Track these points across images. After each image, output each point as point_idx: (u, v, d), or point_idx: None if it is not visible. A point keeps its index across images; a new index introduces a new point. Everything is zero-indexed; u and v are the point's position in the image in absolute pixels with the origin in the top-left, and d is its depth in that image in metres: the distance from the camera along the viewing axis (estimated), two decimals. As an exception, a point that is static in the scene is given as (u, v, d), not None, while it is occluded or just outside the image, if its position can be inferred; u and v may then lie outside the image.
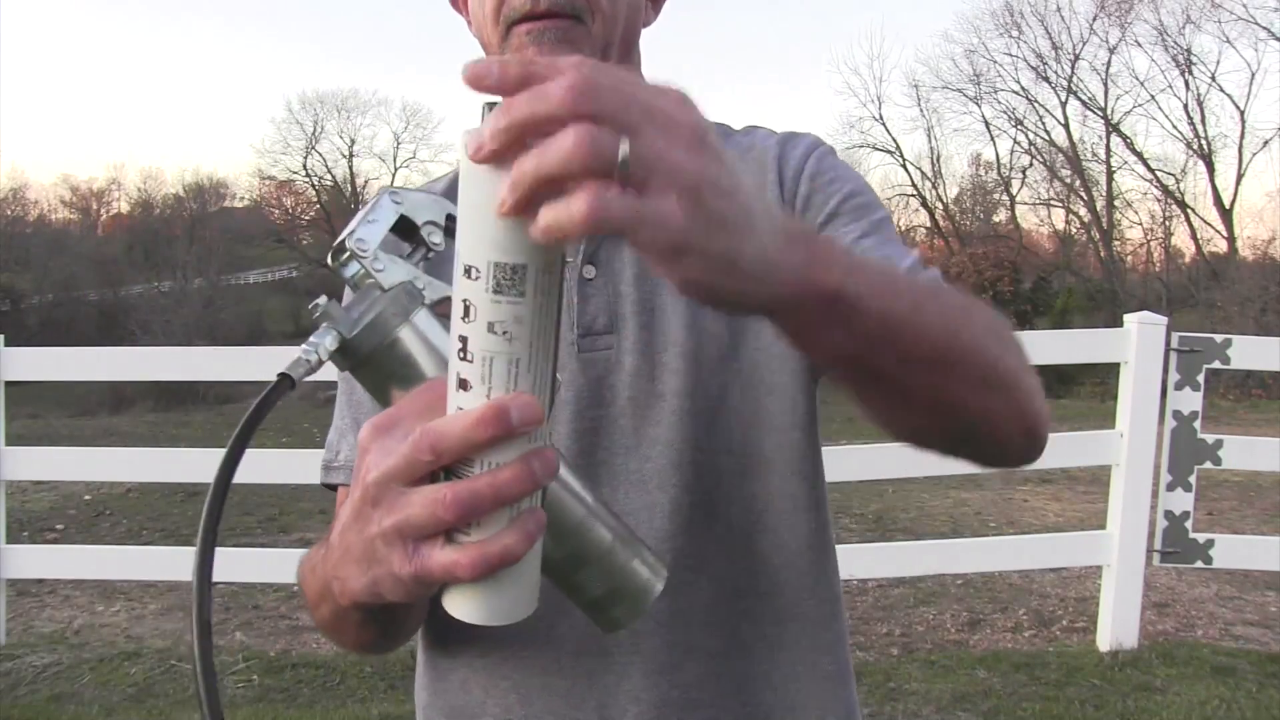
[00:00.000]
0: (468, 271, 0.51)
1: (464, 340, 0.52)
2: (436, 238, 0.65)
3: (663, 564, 0.66)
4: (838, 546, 0.93)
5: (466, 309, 0.52)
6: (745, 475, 0.85)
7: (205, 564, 0.58)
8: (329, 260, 0.62)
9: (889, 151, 30.41)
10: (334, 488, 0.91)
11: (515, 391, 0.52)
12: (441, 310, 0.60)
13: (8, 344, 3.77)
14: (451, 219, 0.66)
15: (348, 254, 0.61)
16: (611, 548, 0.63)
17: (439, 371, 0.57)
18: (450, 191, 0.97)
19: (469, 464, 0.54)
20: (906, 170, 30.52)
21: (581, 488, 0.63)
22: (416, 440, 0.53)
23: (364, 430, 0.57)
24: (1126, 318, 3.85)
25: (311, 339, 0.58)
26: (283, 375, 0.56)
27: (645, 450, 0.84)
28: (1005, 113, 28.50)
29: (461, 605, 0.57)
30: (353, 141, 33.75)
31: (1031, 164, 28.91)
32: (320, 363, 0.58)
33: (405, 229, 0.65)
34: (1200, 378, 3.78)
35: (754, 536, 0.86)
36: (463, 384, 0.53)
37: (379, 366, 0.60)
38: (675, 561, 0.83)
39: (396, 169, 34.28)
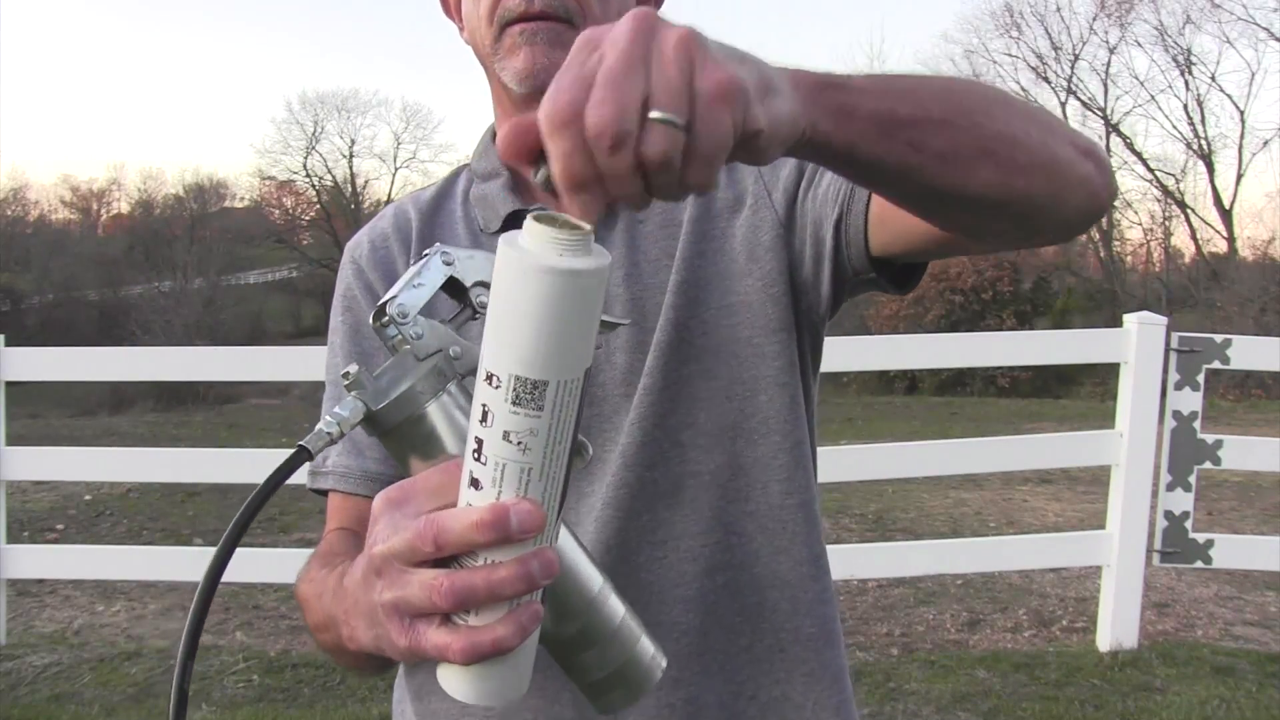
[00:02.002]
0: (489, 378, 0.52)
1: (480, 442, 0.53)
2: (484, 298, 0.64)
3: (662, 652, 0.67)
4: (838, 546, 0.93)
5: (485, 414, 0.53)
6: (711, 449, 0.87)
7: (198, 622, 0.58)
8: (371, 320, 0.63)
9: (889, 151, 30.38)
10: (323, 492, 0.92)
11: (521, 497, 0.53)
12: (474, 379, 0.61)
13: (8, 344, 3.77)
14: None
15: (387, 319, 0.61)
16: (616, 632, 0.64)
17: (461, 448, 0.58)
18: (443, 193, 0.98)
19: (471, 554, 0.55)
20: (906, 170, 30.48)
21: (593, 569, 0.64)
22: (421, 530, 0.55)
23: (377, 500, 0.59)
24: (1126, 318, 3.85)
25: (336, 409, 0.59)
26: (301, 448, 0.57)
27: (614, 436, 0.86)
28: (1005, 113, 28.46)
29: (452, 682, 0.58)
30: (353, 142, 33.77)
31: (1031, 164, 28.86)
32: (341, 435, 0.59)
33: (454, 288, 0.65)
34: (1200, 378, 3.78)
35: (724, 508, 0.87)
36: (475, 482, 0.54)
37: (403, 438, 0.60)
38: (641, 538, 0.85)
39: (397, 169, 34.32)
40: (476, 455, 0.54)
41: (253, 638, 3.98)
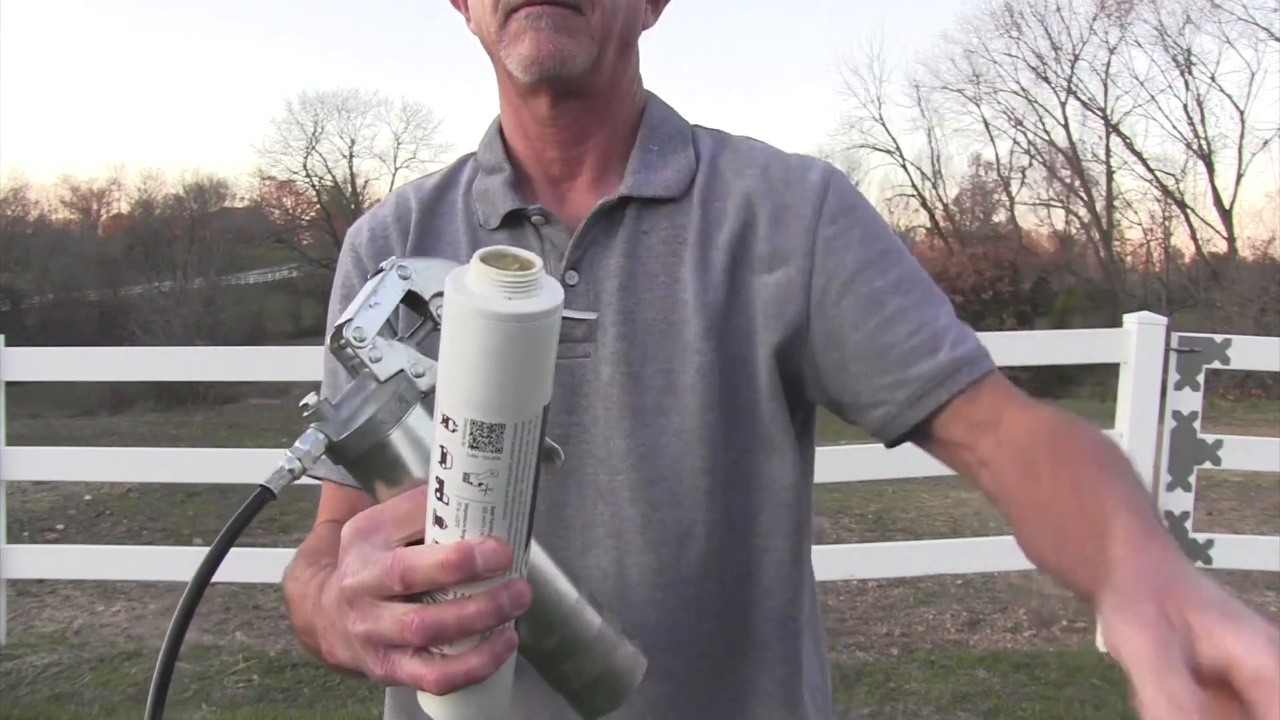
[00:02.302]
0: (445, 421, 0.51)
1: (441, 483, 0.53)
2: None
3: (642, 655, 0.67)
4: (838, 546, 0.93)
5: (444, 455, 0.52)
6: (716, 496, 0.85)
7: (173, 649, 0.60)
8: (328, 342, 0.62)
9: (889, 152, 30.43)
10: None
11: (486, 536, 0.53)
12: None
13: (8, 344, 3.78)
14: None
15: (344, 341, 0.60)
16: (596, 639, 0.64)
17: (427, 471, 0.57)
18: (446, 182, 0.96)
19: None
20: (906, 170, 30.55)
21: (567, 582, 0.64)
22: (388, 568, 0.55)
23: (346, 529, 0.59)
24: (1126, 318, 3.85)
25: (297, 444, 0.58)
26: (263, 488, 0.56)
27: (615, 463, 0.84)
28: (1005, 113, 28.53)
29: (432, 706, 0.59)
30: (353, 142, 33.76)
31: (1031, 164, 28.95)
32: (304, 472, 0.58)
33: (412, 300, 0.64)
34: (1200, 378, 3.78)
35: (722, 558, 0.86)
36: (439, 520, 0.54)
37: (367, 466, 0.60)
38: (642, 579, 0.83)
39: (397, 169, 34.30)
40: (439, 495, 0.53)
41: (253, 638, 3.98)
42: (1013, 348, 4.89)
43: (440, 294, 0.62)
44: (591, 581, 0.64)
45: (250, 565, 3.80)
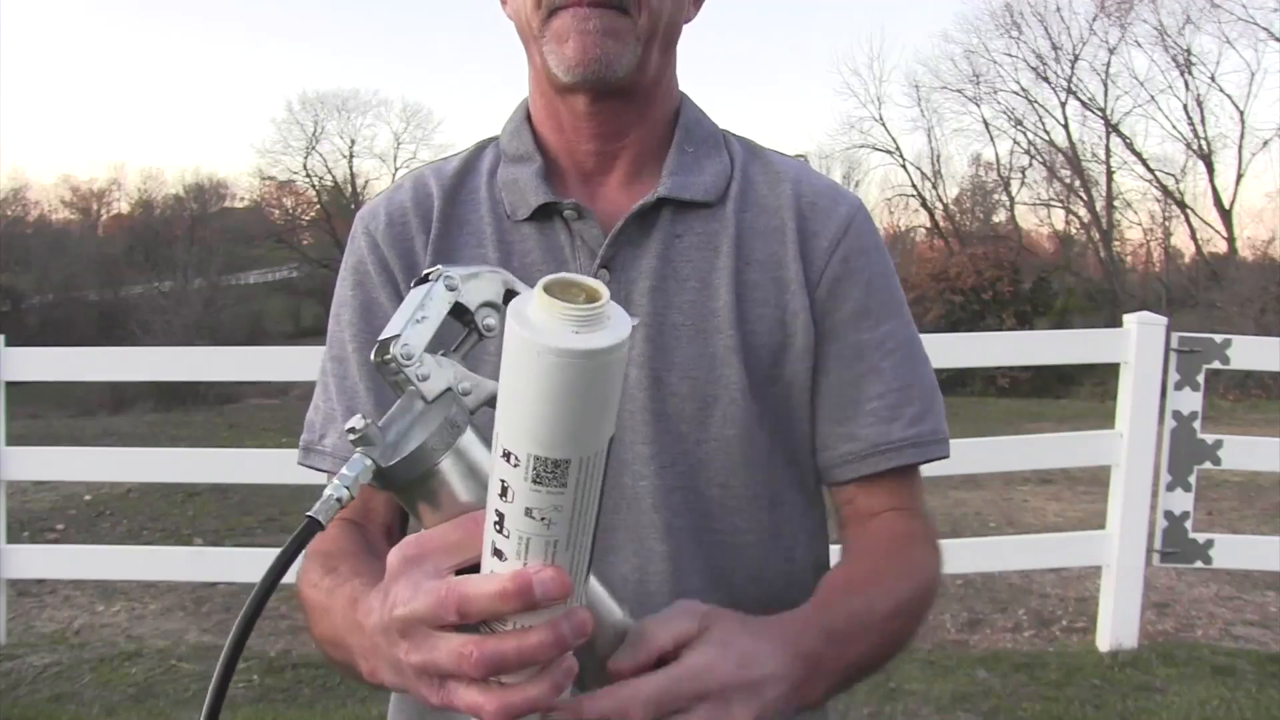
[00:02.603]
0: (507, 456, 0.49)
1: (501, 516, 0.51)
2: (491, 320, 0.61)
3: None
4: (839, 546, 0.93)
5: (504, 489, 0.50)
6: (740, 507, 0.85)
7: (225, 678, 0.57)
8: (372, 355, 0.58)
9: (889, 152, 30.39)
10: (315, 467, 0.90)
11: (544, 565, 0.52)
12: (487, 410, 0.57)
13: (8, 344, 3.77)
14: (511, 293, 0.61)
15: (390, 357, 0.57)
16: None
17: (474, 498, 0.56)
18: (467, 168, 0.93)
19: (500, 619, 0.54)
20: (906, 170, 30.51)
21: (613, 601, 0.63)
22: (443, 597, 0.54)
23: (393, 555, 0.58)
24: (1126, 318, 3.85)
25: (345, 470, 0.55)
26: (311, 519, 0.54)
27: (639, 468, 0.83)
28: (1005, 113, 28.50)
29: None
30: (353, 142, 33.75)
31: (1031, 164, 28.91)
32: (351, 499, 0.55)
33: (457, 310, 0.61)
34: (1200, 378, 3.78)
35: (735, 569, 0.86)
36: (498, 553, 0.53)
37: (415, 490, 0.57)
38: (661, 587, 0.82)
39: (397, 169, 34.27)
40: (498, 528, 0.52)
41: (253, 638, 3.94)
42: (1013, 348, 4.90)
43: (487, 303, 0.60)
44: (613, 585, 0.64)
45: (250, 565, 3.81)
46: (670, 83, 0.91)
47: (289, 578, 0.84)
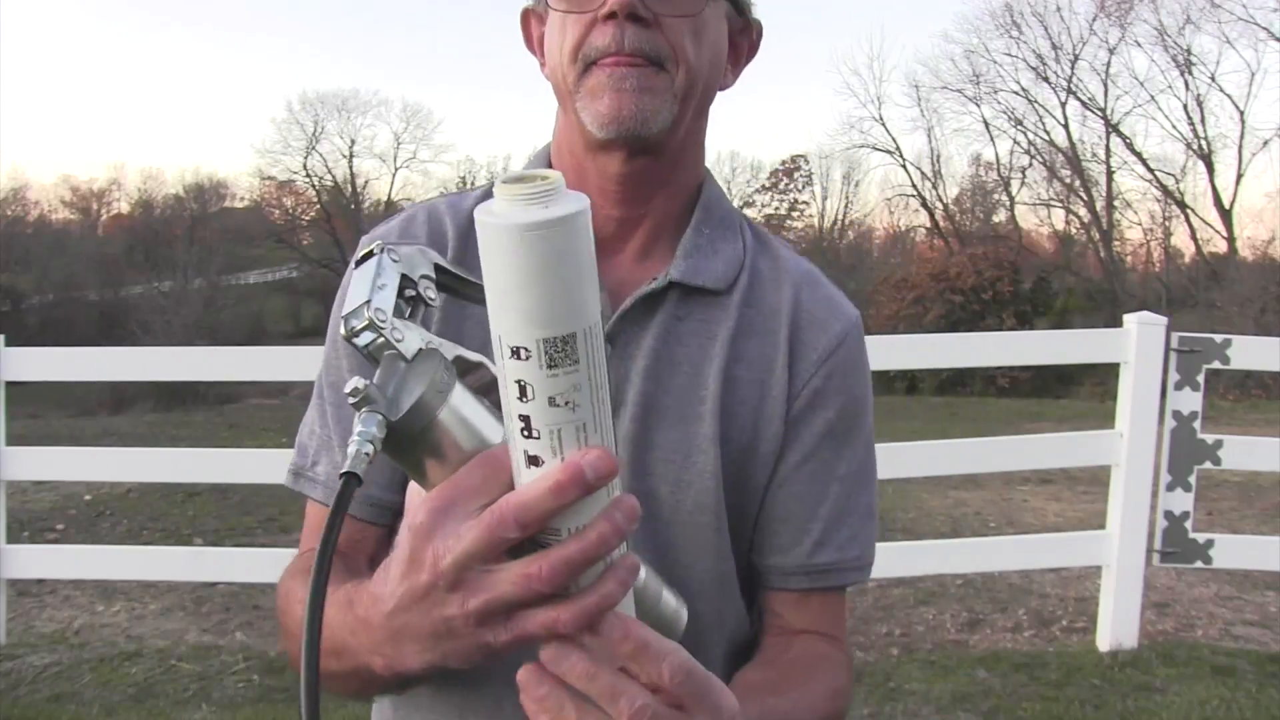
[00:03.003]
0: (516, 353, 0.51)
1: (526, 419, 0.52)
2: (431, 292, 0.64)
3: (683, 604, 0.67)
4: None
5: (523, 389, 0.52)
6: (697, 593, 0.84)
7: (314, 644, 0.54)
8: (341, 330, 0.60)
9: (889, 152, 30.44)
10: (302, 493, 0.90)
11: (586, 448, 0.53)
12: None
13: (8, 344, 3.77)
14: (440, 270, 0.66)
15: (365, 323, 0.59)
16: (645, 585, 0.64)
17: (475, 445, 0.57)
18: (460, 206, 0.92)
19: (551, 531, 0.54)
20: (906, 170, 30.55)
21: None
22: (498, 518, 0.53)
23: (420, 513, 0.56)
24: (1126, 318, 3.85)
25: (359, 429, 0.55)
26: (350, 474, 0.54)
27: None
28: (1005, 113, 28.53)
29: None
30: (353, 142, 33.76)
31: (1031, 164, 28.94)
32: (377, 453, 0.56)
33: (401, 286, 0.64)
34: (1200, 378, 3.78)
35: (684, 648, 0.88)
36: (533, 460, 0.53)
37: (420, 446, 0.58)
38: None
39: (397, 169, 34.31)
40: (526, 432, 0.53)
41: (253, 638, 3.98)
42: (1013, 348, 4.90)
43: (425, 276, 0.64)
44: None
45: (250, 565, 3.81)
46: (699, 150, 0.92)
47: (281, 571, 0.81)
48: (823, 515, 0.89)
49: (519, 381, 0.52)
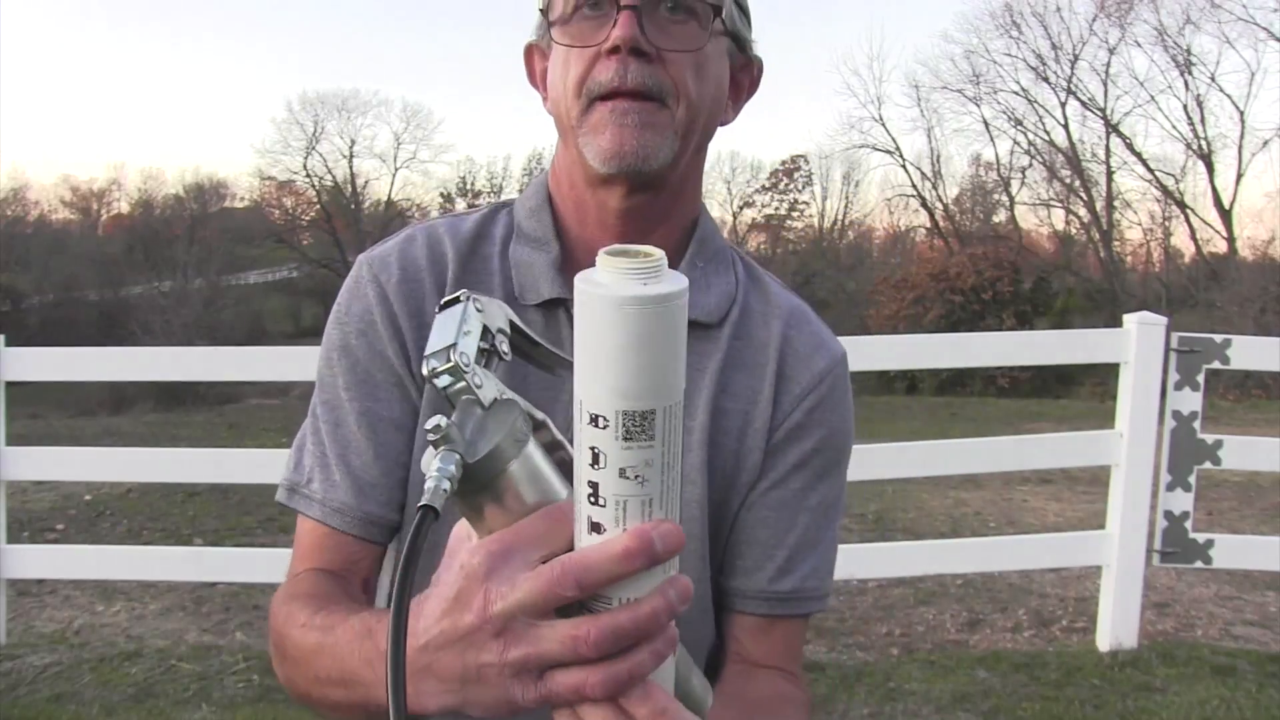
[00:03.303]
0: (594, 420, 0.52)
1: (595, 486, 0.53)
2: (505, 346, 0.65)
3: (708, 686, 0.68)
4: (840, 546, 0.96)
5: (596, 456, 0.52)
6: (682, 619, 0.87)
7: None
8: (423, 370, 0.61)
9: (889, 152, 30.43)
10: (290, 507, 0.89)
11: (658, 520, 0.53)
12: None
13: (8, 344, 3.77)
14: (514, 327, 0.67)
15: (450, 365, 0.59)
16: (676, 664, 0.64)
17: (539, 499, 0.58)
18: (481, 234, 0.92)
19: (600, 595, 0.54)
20: (906, 170, 30.55)
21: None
22: (559, 575, 0.53)
23: (478, 554, 0.56)
24: (1126, 318, 3.85)
25: (438, 465, 0.56)
26: (427, 507, 0.54)
27: None
28: (1005, 113, 28.53)
29: None
30: (353, 142, 33.73)
31: (1031, 164, 28.94)
32: (454, 489, 0.56)
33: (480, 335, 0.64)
34: (1200, 378, 3.78)
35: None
36: (595, 527, 0.54)
37: (487, 492, 0.58)
38: None
39: (397, 169, 34.29)
40: (594, 499, 0.53)
41: (253, 638, 3.97)
42: (1013, 348, 4.90)
43: (501, 330, 0.65)
44: None
45: (250, 565, 3.81)
46: (697, 184, 0.92)
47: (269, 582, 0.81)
48: (789, 543, 0.90)
49: (593, 448, 0.52)
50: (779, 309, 0.93)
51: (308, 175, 33.58)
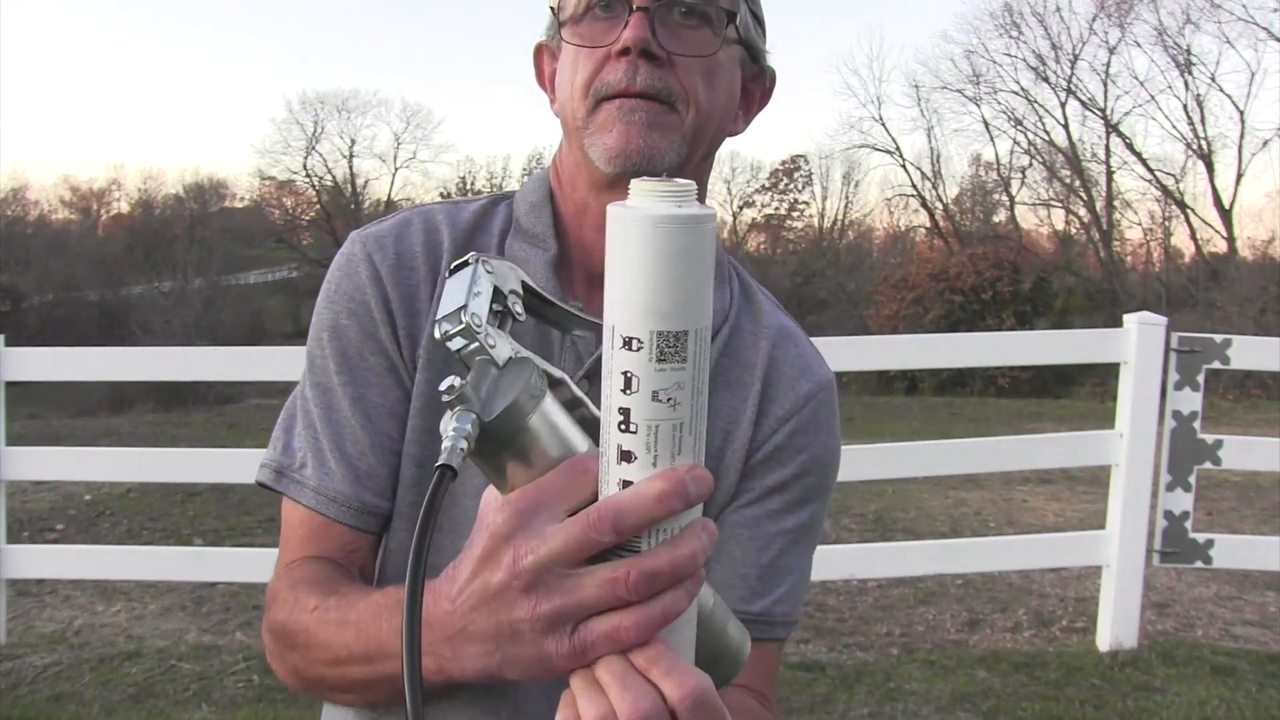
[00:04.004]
0: (628, 343, 0.52)
1: (625, 412, 0.53)
2: (519, 307, 0.65)
3: (745, 631, 0.68)
4: (838, 546, 0.95)
5: (628, 381, 0.53)
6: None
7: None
8: (434, 332, 0.61)
9: (889, 152, 30.40)
10: (273, 489, 0.88)
11: (681, 460, 0.53)
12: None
13: (8, 344, 3.77)
14: (526, 289, 0.67)
15: (462, 327, 0.60)
16: (712, 612, 0.65)
17: (561, 453, 0.58)
18: (479, 224, 0.91)
19: (633, 540, 0.55)
20: (906, 170, 30.51)
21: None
22: (593, 521, 0.53)
23: (501, 513, 0.56)
24: (1126, 318, 3.85)
25: (455, 425, 0.56)
26: (445, 466, 0.54)
27: None
28: (1005, 113, 28.50)
29: None
30: (353, 142, 33.68)
31: (1031, 164, 28.92)
32: (470, 448, 0.56)
33: (490, 298, 0.65)
34: (1200, 378, 3.78)
35: None
36: (625, 455, 0.54)
37: (507, 450, 0.58)
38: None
39: (397, 169, 34.27)
40: (624, 426, 0.53)
41: (253, 638, 3.97)
42: (1013, 348, 4.90)
43: (514, 291, 0.65)
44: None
45: (250, 565, 3.81)
46: (702, 192, 0.91)
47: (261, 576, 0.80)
48: (761, 563, 0.88)
49: (625, 373, 0.53)
50: (768, 329, 0.92)
51: (308, 175, 33.57)
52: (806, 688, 3.41)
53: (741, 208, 33.58)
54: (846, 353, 3.87)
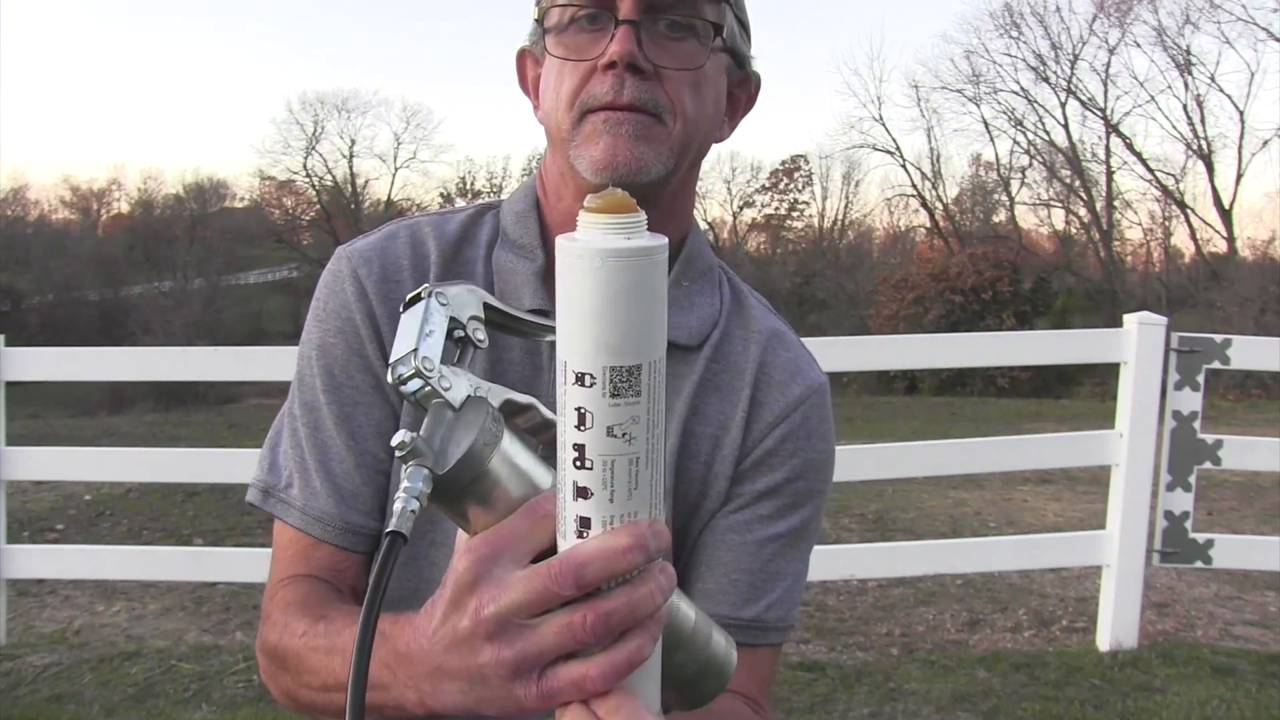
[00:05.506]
0: (580, 379, 0.51)
1: (580, 448, 0.52)
2: (481, 334, 0.64)
3: (731, 640, 0.68)
4: (838, 546, 0.95)
5: (582, 417, 0.52)
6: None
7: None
8: (388, 377, 0.60)
9: (889, 152, 30.41)
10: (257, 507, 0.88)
11: (638, 493, 0.53)
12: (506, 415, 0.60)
13: (8, 344, 3.77)
14: (490, 308, 0.66)
15: (412, 371, 0.59)
16: (696, 627, 0.65)
17: (524, 491, 0.57)
18: (465, 235, 0.91)
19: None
20: (906, 170, 30.53)
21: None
22: (555, 574, 0.53)
23: (464, 558, 0.56)
24: (1126, 318, 3.85)
25: (405, 485, 0.55)
26: (395, 533, 0.54)
27: None
28: (1005, 113, 28.51)
29: None
30: (353, 142, 33.69)
31: (1031, 164, 28.92)
32: (423, 508, 0.56)
33: (449, 328, 0.64)
34: (1200, 378, 3.78)
35: None
36: (581, 492, 0.53)
37: (468, 496, 0.58)
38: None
39: (397, 169, 34.27)
40: (579, 462, 0.52)
41: (252, 638, 3.96)
42: (1013, 348, 4.90)
43: (474, 317, 0.64)
44: None
45: (250, 565, 3.80)
46: (688, 202, 0.91)
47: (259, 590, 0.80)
48: (752, 569, 0.88)
49: (579, 409, 0.52)
50: (759, 333, 0.91)
51: (308, 175, 33.58)
52: (806, 688, 3.41)
53: (741, 208, 33.61)
54: (846, 353, 3.87)
